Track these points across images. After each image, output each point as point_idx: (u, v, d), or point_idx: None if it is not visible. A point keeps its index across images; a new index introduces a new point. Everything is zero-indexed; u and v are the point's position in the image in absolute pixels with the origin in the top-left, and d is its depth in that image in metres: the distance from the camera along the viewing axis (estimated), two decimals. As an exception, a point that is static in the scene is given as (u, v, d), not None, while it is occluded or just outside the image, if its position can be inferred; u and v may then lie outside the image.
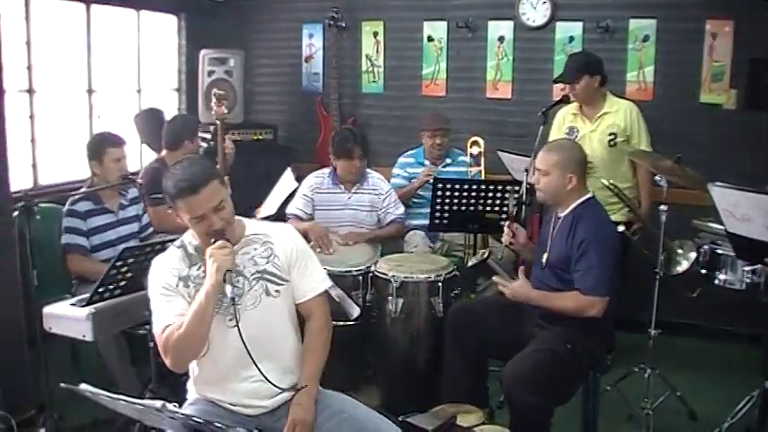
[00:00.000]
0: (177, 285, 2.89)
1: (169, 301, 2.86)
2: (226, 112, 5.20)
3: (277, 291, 2.98)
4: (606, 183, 4.47)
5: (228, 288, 2.74)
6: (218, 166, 5.21)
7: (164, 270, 2.93)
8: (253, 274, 2.96)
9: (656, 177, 4.37)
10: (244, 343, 2.75)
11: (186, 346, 2.80)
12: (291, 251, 3.04)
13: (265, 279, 2.97)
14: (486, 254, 4.22)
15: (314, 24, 7.01)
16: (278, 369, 2.95)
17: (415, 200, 5.58)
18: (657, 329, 4.30)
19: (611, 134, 4.92)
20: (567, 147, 3.98)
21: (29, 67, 5.40)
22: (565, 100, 5.03)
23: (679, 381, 4.53)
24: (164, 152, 5.29)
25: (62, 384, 2.39)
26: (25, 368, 4.21)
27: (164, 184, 2.86)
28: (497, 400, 4.20)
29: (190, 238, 2.99)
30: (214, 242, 2.80)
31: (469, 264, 4.57)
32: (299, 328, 3.12)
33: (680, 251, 4.39)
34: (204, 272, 2.84)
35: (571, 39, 6.06)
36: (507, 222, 4.19)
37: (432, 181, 4.99)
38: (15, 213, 3.88)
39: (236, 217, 3.03)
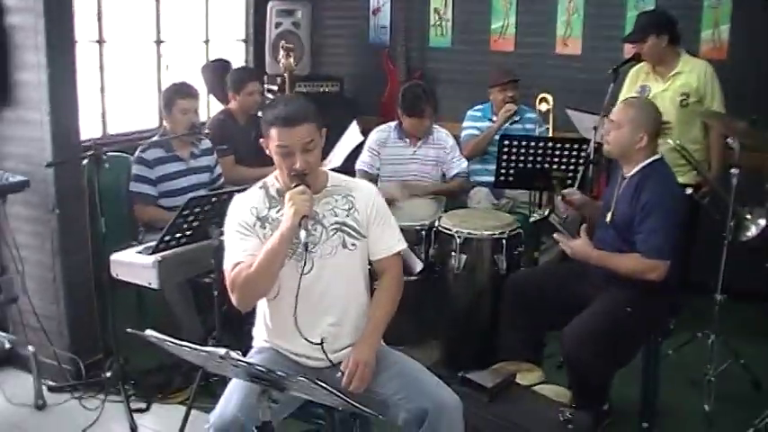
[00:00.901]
0: (254, 225, 2.91)
1: (243, 239, 2.88)
2: (294, 64, 5.20)
3: (353, 245, 2.98)
4: (674, 144, 4.37)
5: (303, 233, 2.71)
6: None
7: (243, 208, 2.95)
8: (332, 225, 2.96)
9: (729, 140, 4.26)
10: (297, 292, 2.77)
11: (254, 286, 2.83)
12: (372, 208, 3.03)
13: (343, 231, 2.97)
14: (548, 211, 4.17)
15: (382, -23, 6.96)
16: (345, 323, 2.98)
17: (484, 156, 5.52)
18: (723, 295, 4.22)
19: (683, 94, 4.79)
20: (645, 105, 3.89)
21: (99, 18, 5.45)
22: (636, 58, 4.92)
23: (743, 348, 4.44)
24: (230, 103, 5.35)
25: (128, 330, 2.44)
26: (93, 313, 4.32)
27: (264, 111, 2.89)
28: (557, 360, 4.19)
29: (273, 180, 3.00)
30: (295, 186, 2.79)
31: (531, 219, 4.53)
32: (369, 286, 3.12)
33: (748, 216, 4.28)
34: (283, 214, 2.85)
35: (644, -6, 5.91)
36: (561, 194, 4.15)
37: (498, 137, 4.93)
38: (85, 162, 3.96)
39: (321, 168, 3.04)
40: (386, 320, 3.03)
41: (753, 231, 4.25)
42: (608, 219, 3.84)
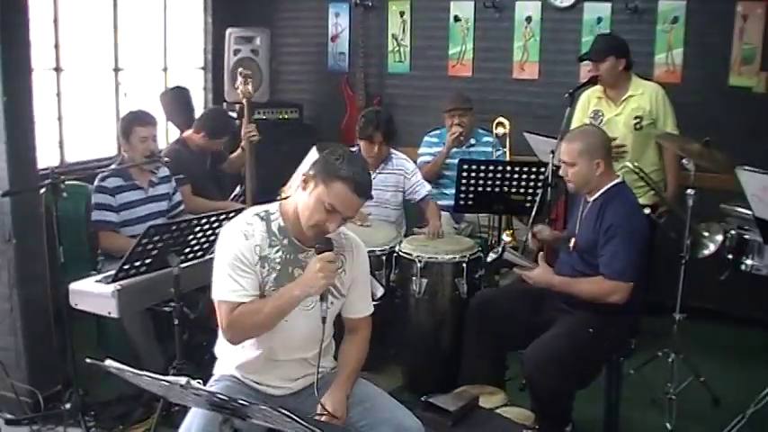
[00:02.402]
0: (255, 264, 2.80)
1: (244, 277, 2.77)
2: (252, 91, 5.20)
3: (332, 302, 2.91)
4: (631, 166, 4.43)
5: (323, 306, 2.73)
6: (242, 145, 5.25)
7: (245, 242, 2.80)
8: None
9: (684, 161, 4.32)
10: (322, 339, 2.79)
11: (255, 331, 2.81)
12: (359, 271, 3.02)
13: (327, 289, 2.88)
14: (501, 249, 4.17)
15: (340, 4, 6.98)
16: (305, 363, 2.96)
17: (440, 180, 5.56)
18: (682, 314, 4.27)
19: (636, 117, 4.87)
20: (589, 133, 3.93)
21: (56, 46, 5.41)
22: (592, 81, 4.98)
23: (703, 366, 4.49)
24: (187, 132, 5.33)
25: (87, 360, 2.40)
26: (52, 344, 4.25)
27: (339, 164, 2.71)
28: (519, 383, 4.20)
29: (277, 212, 2.87)
30: (319, 250, 2.72)
31: (487, 260, 4.53)
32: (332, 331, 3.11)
33: (706, 234, 4.35)
34: (281, 257, 2.82)
35: (599, 20, 5.99)
36: (531, 231, 4.20)
37: (457, 162, 4.95)
38: (42, 191, 3.91)
39: None
40: (356, 376, 3.00)
41: (711, 249, 4.33)
42: (571, 243, 3.88)
